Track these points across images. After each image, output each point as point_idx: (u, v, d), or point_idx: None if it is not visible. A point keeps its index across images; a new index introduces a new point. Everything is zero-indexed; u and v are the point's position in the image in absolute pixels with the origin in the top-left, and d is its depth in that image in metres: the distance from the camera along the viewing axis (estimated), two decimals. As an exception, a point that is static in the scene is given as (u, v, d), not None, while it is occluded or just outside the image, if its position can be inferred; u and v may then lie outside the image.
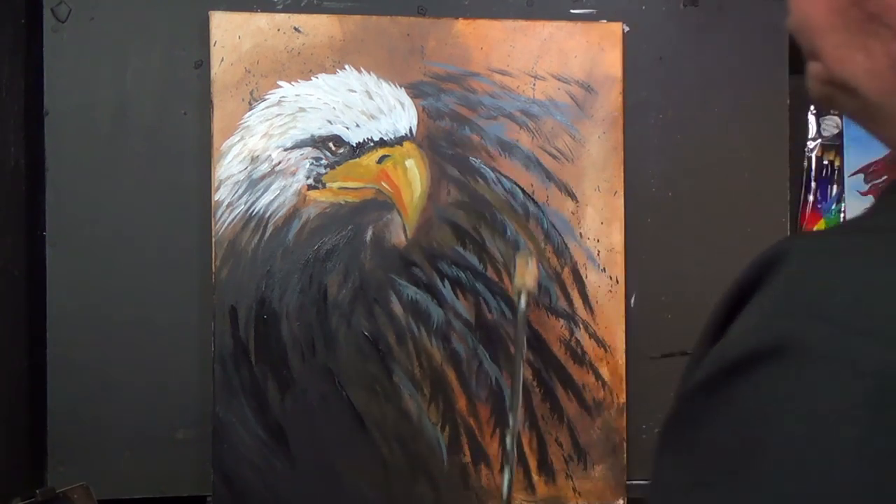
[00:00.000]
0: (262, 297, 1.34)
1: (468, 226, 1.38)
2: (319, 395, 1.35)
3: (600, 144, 1.41)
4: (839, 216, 1.52)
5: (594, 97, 1.40)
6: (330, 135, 1.35)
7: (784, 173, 1.47)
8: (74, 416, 1.33)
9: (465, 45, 1.38)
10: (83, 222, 1.34)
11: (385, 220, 1.36)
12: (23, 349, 1.32)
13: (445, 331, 1.37)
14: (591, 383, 1.40)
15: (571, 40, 1.40)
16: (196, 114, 1.36)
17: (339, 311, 1.35)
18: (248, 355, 1.33)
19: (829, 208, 1.53)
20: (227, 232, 1.33)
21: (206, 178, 1.35)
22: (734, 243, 1.45)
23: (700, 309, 1.62)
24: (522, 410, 1.37)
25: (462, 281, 1.37)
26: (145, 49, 1.36)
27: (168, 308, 1.35)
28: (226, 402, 1.33)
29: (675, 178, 1.45)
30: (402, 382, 1.36)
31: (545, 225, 1.39)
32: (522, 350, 1.25)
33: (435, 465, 1.37)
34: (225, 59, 1.34)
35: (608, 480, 1.40)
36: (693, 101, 1.45)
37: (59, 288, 1.34)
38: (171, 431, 1.35)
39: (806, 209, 1.52)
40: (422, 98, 1.37)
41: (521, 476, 1.39)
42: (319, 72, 1.36)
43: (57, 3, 1.34)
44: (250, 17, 1.35)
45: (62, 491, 1.21)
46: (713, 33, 1.45)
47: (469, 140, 1.38)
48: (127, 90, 1.35)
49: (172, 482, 1.36)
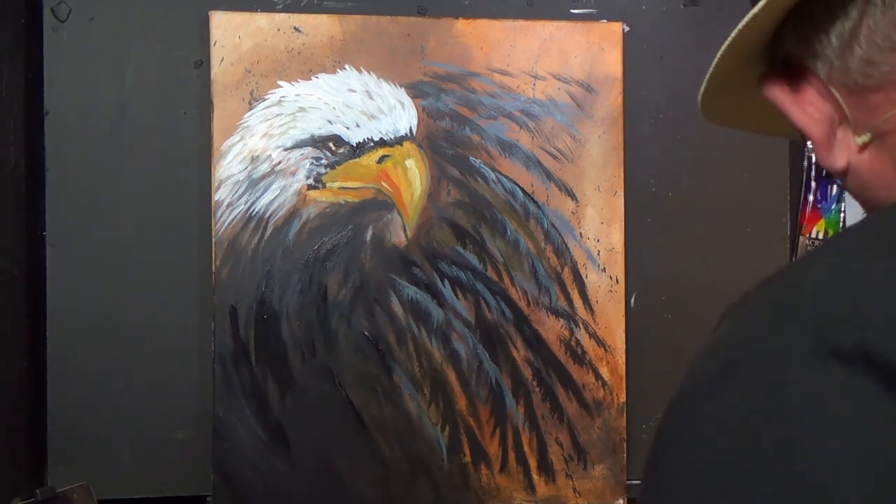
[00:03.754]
0: (262, 297, 1.34)
1: (468, 226, 1.38)
2: (319, 395, 1.35)
3: (600, 144, 1.41)
4: (839, 216, 1.52)
5: (594, 97, 1.40)
6: (330, 135, 1.35)
7: (784, 173, 1.47)
8: (74, 416, 1.33)
9: (465, 45, 1.38)
10: (83, 222, 1.34)
11: (385, 219, 1.36)
12: (23, 349, 1.32)
13: (445, 331, 1.37)
14: (591, 383, 1.40)
15: (571, 40, 1.40)
16: (196, 114, 1.36)
17: (339, 311, 1.35)
18: (248, 355, 1.33)
19: (829, 208, 1.53)
20: (227, 232, 1.33)
21: (206, 178, 1.35)
22: (734, 243, 1.45)
23: (700, 309, 1.62)
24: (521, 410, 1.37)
25: (462, 281, 1.37)
26: (145, 49, 1.36)
27: (168, 308, 1.35)
28: (226, 402, 1.33)
29: (675, 178, 1.45)
30: (402, 382, 1.36)
31: (545, 225, 1.39)
32: None
33: (435, 465, 1.37)
34: (225, 59, 1.34)
35: (608, 480, 1.40)
36: (693, 101, 1.44)
37: (59, 288, 1.34)
38: (171, 431, 1.35)
39: (806, 209, 1.52)
40: (422, 98, 1.37)
41: (522, 476, 1.39)
42: (319, 72, 1.36)
43: (57, 3, 1.34)
44: (250, 17, 1.35)
45: (62, 491, 1.21)
46: (713, 33, 1.45)
47: (469, 140, 1.38)
48: (127, 90, 1.35)
49: (172, 482, 1.36)
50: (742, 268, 1.43)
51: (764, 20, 0.49)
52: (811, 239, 1.52)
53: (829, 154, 0.49)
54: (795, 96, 0.50)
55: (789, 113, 0.50)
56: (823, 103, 0.49)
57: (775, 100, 0.51)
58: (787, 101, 0.50)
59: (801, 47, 0.49)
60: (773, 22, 0.50)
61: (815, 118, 0.49)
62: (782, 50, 0.51)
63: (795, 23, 0.49)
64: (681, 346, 1.42)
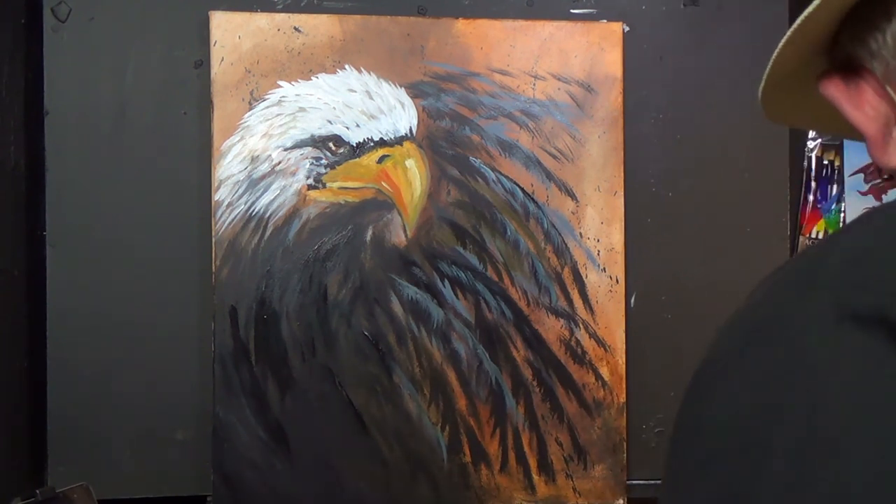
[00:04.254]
0: (262, 297, 1.34)
1: (468, 226, 1.38)
2: (319, 395, 1.35)
3: (600, 144, 1.41)
4: (839, 216, 1.52)
5: (594, 97, 1.40)
6: (330, 135, 1.35)
7: (784, 173, 1.47)
8: (74, 416, 1.33)
9: (465, 45, 1.38)
10: (83, 222, 1.34)
11: (385, 219, 1.36)
12: (23, 349, 1.32)
13: (445, 331, 1.37)
14: (591, 383, 1.40)
15: (571, 40, 1.40)
16: (196, 114, 1.36)
17: (339, 311, 1.35)
18: (248, 355, 1.33)
19: (829, 208, 1.53)
20: (227, 232, 1.33)
21: (206, 178, 1.35)
22: (734, 243, 1.45)
23: (700, 309, 1.62)
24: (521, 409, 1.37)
25: (462, 281, 1.37)
26: (145, 49, 1.36)
27: (168, 308, 1.35)
28: (226, 402, 1.33)
29: (675, 178, 1.45)
30: (402, 382, 1.36)
31: (545, 225, 1.39)
32: None
33: (435, 465, 1.37)
34: (225, 59, 1.34)
35: (608, 480, 1.40)
36: (693, 101, 1.45)
37: (58, 288, 1.34)
38: (171, 431, 1.35)
39: (806, 209, 1.52)
40: (422, 98, 1.37)
41: (522, 476, 1.39)
42: (319, 72, 1.36)
43: (57, 3, 1.34)
44: (250, 17, 1.35)
45: (62, 491, 1.21)
46: (713, 33, 1.45)
47: (469, 140, 1.38)
48: (127, 90, 1.35)
49: (172, 482, 1.36)
50: (742, 268, 1.43)
51: (821, 21, 0.51)
52: (811, 239, 1.52)
53: (884, 152, 0.51)
54: (852, 95, 0.52)
55: (845, 111, 0.52)
56: (879, 102, 0.50)
57: (832, 98, 0.53)
58: (843, 99, 0.52)
59: (859, 47, 0.51)
60: (831, 22, 0.52)
61: (871, 116, 0.51)
62: (841, 50, 0.53)
63: (853, 23, 0.51)
64: (681, 346, 1.42)
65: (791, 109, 0.62)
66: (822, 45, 0.54)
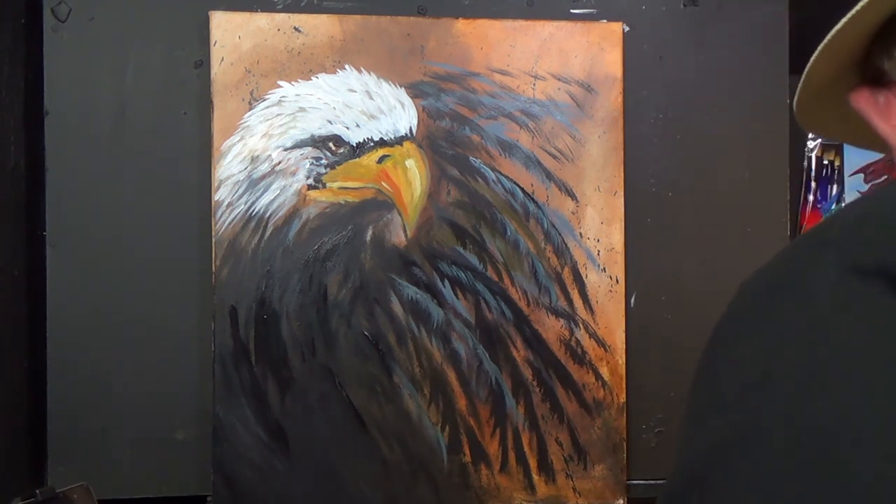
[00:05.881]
0: (262, 297, 1.34)
1: (468, 226, 1.38)
2: (319, 395, 1.35)
3: (600, 144, 1.41)
4: (839, 216, 1.52)
5: (594, 97, 1.40)
6: (330, 135, 1.35)
7: (784, 173, 1.47)
8: (74, 416, 1.33)
9: (465, 45, 1.38)
10: (83, 222, 1.34)
11: (385, 219, 1.36)
12: (23, 349, 1.32)
13: (445, 331, 1.37)
14: (591, 383, 1.40)
15: (571, 40, 1.40)
16: (196, 114, 1.36)
17: (339, 311, 1.35)
18: (248, 355, 1.33)
19: (829, 208, 1.53)
20: (227, 232, 1.33)
21: (206, 178, 1.35)
22: (734, 243, 1.45)
23: (700, 309, 1.62)
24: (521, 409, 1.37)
25: (462, 281, 1.37)
26: (145, 49, 1.36)
27: (168, 308, 1.35)
28: (226, 402, 1.33)
29: (675, 178, 1.45)
30: (402, 382, 1.36)
31: (545, 225, 1.39)
32: None
33: (435, 465, 1.37)
34: (225, 59, 1.34)
35: (608, 480, 1.40)
36: (693, 101, 1.45)
37: (59, 288, 1.34)
38: (171, 431, 1.35)
39: (806, 209, 1.52)
40: (422, 98, 1.37)
41: (522, 476, 1.39)
42: (319, 72, 1.36)
43: (57, 3, 1.34)
44: (250, 17, 1.35)
45: (62, 491, 1.21)
46: (713, 33, 1.45)
47: (469, 140, 1.38)
48: (127, 90, 1.35)
49: (172, 482, 1.36)
50: (742, 268, 1.42)
51: (850, 37, 0.53)
52: (811, 239, 1.51)
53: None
54: (881, 108, 0.54)
55: (874, 123, 0.54)
56: None
57: (862, 110, 0.55)
58: (872, 112, 0.54)
59: (888, 61, 0.53)
60: (862, 38, 0.54)
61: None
62: (872, 64, 0.55)
63: (883, 38, 0.53)
64: (681, 346, 1.42)
65: (829, 122, 0.64)
66: (856, 60, 0.56)
